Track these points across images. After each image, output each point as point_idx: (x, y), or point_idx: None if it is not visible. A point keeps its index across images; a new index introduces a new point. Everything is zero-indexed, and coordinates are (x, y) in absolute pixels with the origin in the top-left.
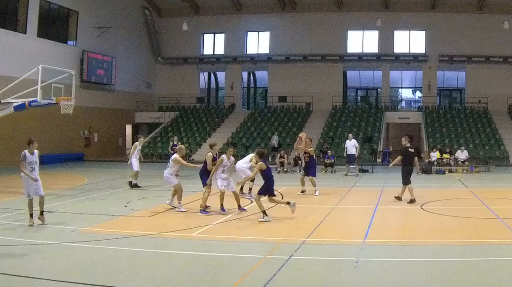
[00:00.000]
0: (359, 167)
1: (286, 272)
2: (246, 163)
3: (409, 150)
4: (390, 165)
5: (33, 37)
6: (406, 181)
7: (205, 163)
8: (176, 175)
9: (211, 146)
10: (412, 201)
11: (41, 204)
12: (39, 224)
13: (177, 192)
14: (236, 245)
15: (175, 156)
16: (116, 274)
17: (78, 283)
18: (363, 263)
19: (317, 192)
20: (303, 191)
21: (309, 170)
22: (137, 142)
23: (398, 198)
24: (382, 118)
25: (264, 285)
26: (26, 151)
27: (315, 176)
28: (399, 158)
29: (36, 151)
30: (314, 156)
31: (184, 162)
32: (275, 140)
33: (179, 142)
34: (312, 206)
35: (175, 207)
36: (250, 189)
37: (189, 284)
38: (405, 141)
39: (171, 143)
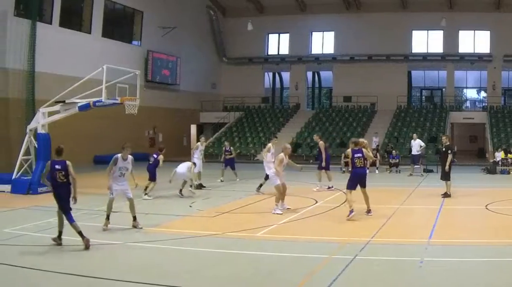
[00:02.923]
0: (423, 167)
1: (350, 272)
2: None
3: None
4: (447, 166)
5: (98, 37)
6: (449, 177)
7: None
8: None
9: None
10: (446, 195)
11: (131, 208)
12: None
13: (277, 192)
14: (301, 245)
15: (281, 155)
16: (180, 274)
17: (142, 283)
18: (428, 263)
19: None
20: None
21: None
22: (198, 143)
23: (446, 195)
24: (447, 118)
25: (329, 285)
26: (119, 155)
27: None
28: (450, 157)
29: (130, 157)
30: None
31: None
32: (374, 141)
33: (231, 147)
34: (377, 206)
35: (289, 208)
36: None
37: (253, 284)
38: (445, 139)
39: (224, 148)
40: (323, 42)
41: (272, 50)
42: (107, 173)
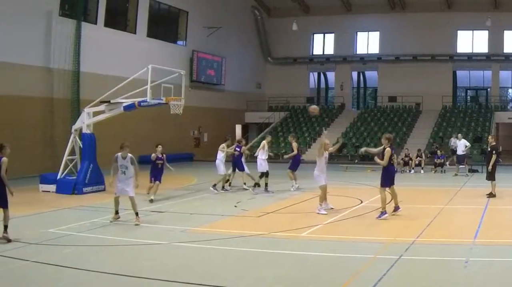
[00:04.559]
0: (468, 167)
1: (395, 272)
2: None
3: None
4: (490, 166)
5: (143, 37)
6: (493, 177)
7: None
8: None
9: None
10: (491, 195)
11: (133, 205)
12: (135, 224)
13: (321, 192)
14: (346, 245)
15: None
16: (225, 274)
17: (188, 283)
18: (473, 263)
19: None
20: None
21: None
22: (264, 141)
23: (491, 195)
24: (492, 118)
25: (374, 285)
26: (119, 154)
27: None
28: (494, 157)
29: (129, 155)
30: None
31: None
32: (453, 143)
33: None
34: (422, 206)
35: (332, 208)
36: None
37: (299, 284)
38: (491, 140)
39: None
40: (368, 42)
41: (317, 50)
42: (111, 171)
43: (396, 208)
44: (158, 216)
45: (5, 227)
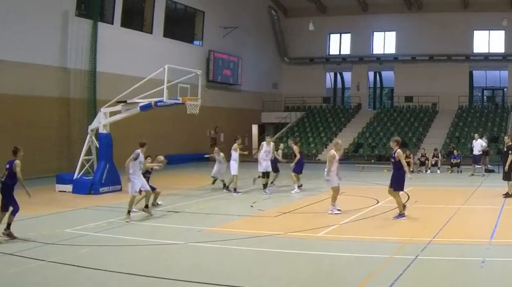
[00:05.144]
0: (485, 167)
1: (412, 272)
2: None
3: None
4: (507, 167)
5: (159, 37)
6: (510, 177)
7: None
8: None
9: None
10: (508, 195)
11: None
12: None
13: (334, 193)
14: (362, 245)
15: (332, 151)
16: (241, 274)
17: (204, 283)
18: (489, 263)
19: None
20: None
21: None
22: (263, 142)
23: (508, 195)
24: (508, 118)
25: (390, 285)
26: (139, 151)
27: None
28: (510, 157)
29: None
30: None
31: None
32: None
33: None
34: (438, 206)
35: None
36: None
37: (315, 284)
38: (508, 140)
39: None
40: (384, 42)
41: (333, 50)
42: (127, 167)
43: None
44: (175, 216)
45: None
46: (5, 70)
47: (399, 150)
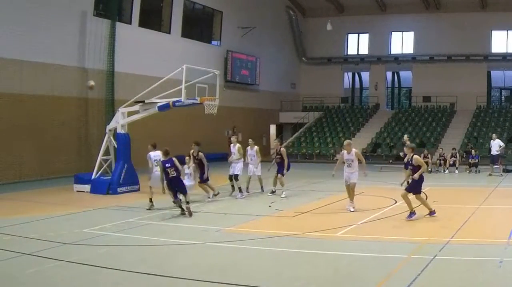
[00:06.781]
0: (503, 167)
1: (430, 272)
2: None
3: None
4: None
5: (177, 37)
6: None
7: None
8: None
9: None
10: None
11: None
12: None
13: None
14: (380, 245)
15: (343, 152)
16: (259, 274)
17: (222, 283)
18: (507, 263)
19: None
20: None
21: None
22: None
23: None
24: None
25: (408, 285)
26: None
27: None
28: None
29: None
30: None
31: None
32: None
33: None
34: (456, 206)
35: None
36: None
37: (333, 284)
38: None
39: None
40: (402, 42)
41: (351, 50)
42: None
43: (411, 214)
44: (193, 216)
45: None
46: (24, 71)
47: (415, 156)
